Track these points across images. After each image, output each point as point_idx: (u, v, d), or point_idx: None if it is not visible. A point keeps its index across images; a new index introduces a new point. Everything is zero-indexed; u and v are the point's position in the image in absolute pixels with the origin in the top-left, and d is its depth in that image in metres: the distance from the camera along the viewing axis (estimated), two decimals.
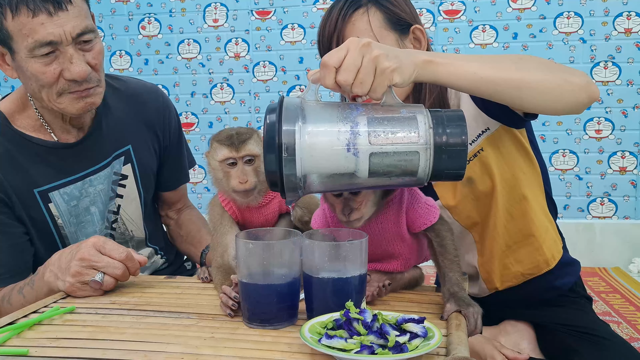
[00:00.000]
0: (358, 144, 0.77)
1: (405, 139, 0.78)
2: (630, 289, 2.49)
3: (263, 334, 0.81)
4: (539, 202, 1.21)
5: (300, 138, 0.76)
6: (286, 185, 0.78)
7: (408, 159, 0.78)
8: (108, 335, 0.81)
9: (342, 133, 0.77)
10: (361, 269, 0.82)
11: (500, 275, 1.22)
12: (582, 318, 1.22)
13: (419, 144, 0.77)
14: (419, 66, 0.86)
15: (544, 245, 1.20)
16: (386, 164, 0.78)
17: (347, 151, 0.77)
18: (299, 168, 0.77)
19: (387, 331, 0.70)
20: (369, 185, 0.82)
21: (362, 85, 0.81)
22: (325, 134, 0.77)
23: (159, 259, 1.42)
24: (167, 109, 1.40)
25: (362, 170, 0.78)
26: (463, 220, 1.20)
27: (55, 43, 1.07)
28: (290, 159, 0.76)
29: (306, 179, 0.78)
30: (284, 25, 3.08)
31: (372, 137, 0.77)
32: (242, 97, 3.15)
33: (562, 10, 2.82)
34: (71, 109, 1.14)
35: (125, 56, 3.21)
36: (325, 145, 0.77)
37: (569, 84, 0.96)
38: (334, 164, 0.78)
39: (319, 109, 0.80)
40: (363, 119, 0.78)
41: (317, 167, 0.78)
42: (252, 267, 0.83)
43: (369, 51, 0.80)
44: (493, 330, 1.27)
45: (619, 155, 2.85)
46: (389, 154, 0.77)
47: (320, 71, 0.82)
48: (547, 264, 1.21)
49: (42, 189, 1.19)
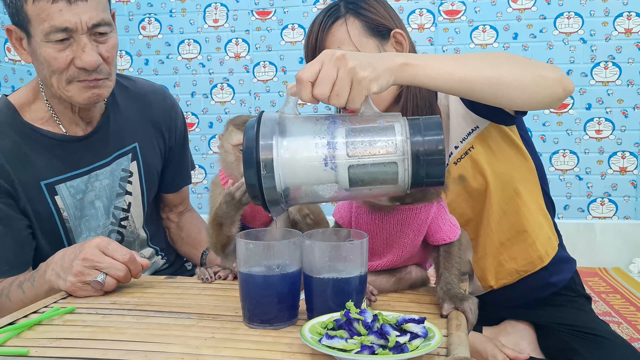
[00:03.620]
0: (336, 157, 0.77)
1: (382, 149, 0.77)
2: (631, 289, 2.49)
3: (263, 334, 0.81)
4: (534, 198, 1.21)
5: (277, 154, 0.77)
6: (267, 199, 0.79)
7: (387, 169, 0.78)
8: (108, 336, 0.81)
9: (319, 147, 0.77)
10: (362, 269, 0.82)
11: (495, 273, 1.22)
12: (582, 318, 1.22)
13: (397, 155, 0.77)
14: (395, 70, 0.87)
15: (537, 241, 1.20)
16: (366, 175, 0.78)
17: (325, 165, 0.77)
18: (278, 183, 0.77)
19: (388, 331, 0.70)
20: (353, 196, 0.82)
21: (339, 97, 0.81)
22: (303, 148, 0.77)
23: (159, 259, 1.42)
24: (174, 109, 1.42)
25: (343, 183, 0.78)
26: (457, 217, 1.20)
27: (70, 30, 1.09)
28: (269, 175, 0.77)
29: (288, 192, 0.79)
30: (284, 26, 3.08)
31: (349, 150, 0.77)
32: (242, 98, 3.15)
33: (562, 11, 2.82)
34: (78, 97, 1.16)
35: (125, 56, 3.21)
36: (303, 160, 0.77)
37: (543, 79, 0.97)
38: (314, 177, 0.78)
39: (297, 123, 0.81)
40: (340, 132, 0.78)
41: (297, 181, 0.78)
42: (252, 267, 0.83)
43: (343, 63, 0.81)
44: (493, 330, 1.27)
45: (619, 155, 2.85)
46: (367, 165, 0.77)
47: (296, 86, 0.83)
48: (541, 260, 1.21)
49: (49, 181, 1.21)
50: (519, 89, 0.95)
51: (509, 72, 0.95)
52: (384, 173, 0.78)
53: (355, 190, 0.79)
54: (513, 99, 0.96)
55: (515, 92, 0.95)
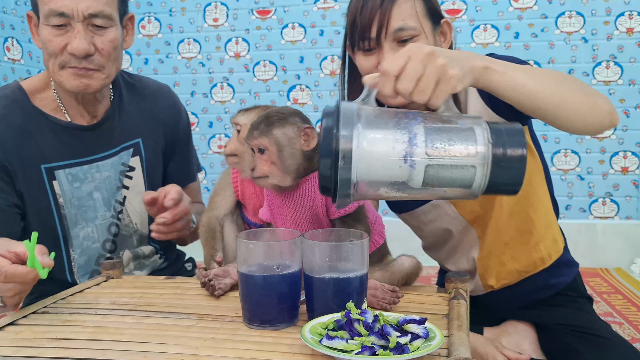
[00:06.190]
0: (414, 155, 0.75)
1: (463, 152, 0.76)
2: (632, 289, 2.49)
3: (264, 334, 0.80)
4: (542, 199, 1.21)
5: (357, 145, 0.75)
6: (339, 191, 0.77)
7: (464, 172, 0.76)
8: (108, 336, 0.80)
9: (399, 143, 0.76)
10: (362, 270, 0.82)
11: (497, 272, 1.22)
12: (583, 318, 1.22)
13: (477, 159, 0.76)
14: (477, 72, 0.85)
15: (541, 243, 1.20)
16: (441, 176, 0.76)
17: (404, 162, 0.75)
18: (354, 175, 0.75)
19: (388, 332, 0.70)
20: (420, 196, 0.80)
21: (423, 94, 0.79)
22: (383, 142, 0.76)
23: (157, 258, 1.42)
24: (176, 108, 1.44)
25: (416, 181, 0.76)
26: (467, 214, 1.20)
27: (66, 15, 1.13)
28: (346, 167, 0.75)
29: (357, 186, 0.77)
30: (284, 25, 3.08)
31: (429, 149, 0.75)
32: (242, 97, 3.14)
33: (563, 10, 2.82)
34: (67, 84, 1.19)
35: (125, 55, 3.21)
36: (382, 154, 0.75)
37: (599, 108, 0.96)
38: (388, 173, 0.76)
39: (375, 116, 0.79)
40: (420, 129, 0.76)
41: (371, 174, 0.76)
42: (252, 268, 0.82)
43: (432, 59, 0.79)
44: (494, 331, 1.26)
45: (621, 155, 2.85)
46: (445, 167, 0.76)
47: (379, 78, 0.81)
48: (543, 262, 1.21)
49: (49, 165, 1.24)
50: (577, 115, 0.94)
51: (573, 97, 0.94)
52: (460, 176, 0.76)
53: (423, 191, 0.78)
54: (569, 123, 0.95)
55: (574, 117, 0.94)
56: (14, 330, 0.84)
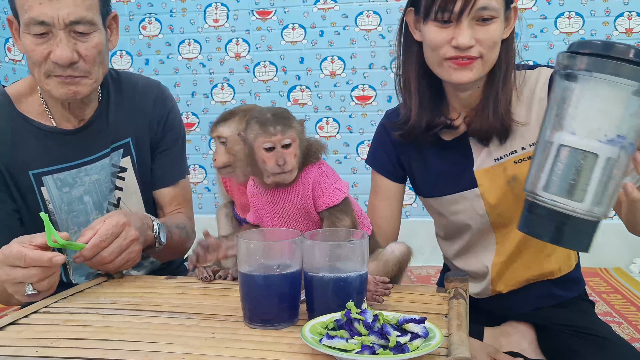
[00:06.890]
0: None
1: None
2: (632, 289, 2.49)
3: (264, 334, 0.80)
4: None
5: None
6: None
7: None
8: (108, 336, 0.81)
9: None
10: (362, 269, 0.82)
11: (507, 279, 1.22)
12: (583, 319, 1.22)
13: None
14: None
15: (552, 255, 1.20)
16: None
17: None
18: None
19: (388, 331, 0.70)
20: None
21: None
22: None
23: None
24: (163, 102, 1.39)
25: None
26: (495, 217, 1.18)
27: (47, 24, 1.10)
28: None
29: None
30: (284, 25, 3.08)
31: None
32: (242, 97, 3.15)
33: (563, 10, 2.82)
34: (55, 92, 1.17)
35: (125, 56, 3.21)
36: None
37: None
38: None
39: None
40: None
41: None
42: (252, 267, 0.82)
43: None
44: (494, 331, 1.26)
45: None
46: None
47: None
48: (552, 274, 1.21)
49: (36, 171, 1.23)
50: None
51: None
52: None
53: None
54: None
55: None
56: (15, 330, 0.84)
